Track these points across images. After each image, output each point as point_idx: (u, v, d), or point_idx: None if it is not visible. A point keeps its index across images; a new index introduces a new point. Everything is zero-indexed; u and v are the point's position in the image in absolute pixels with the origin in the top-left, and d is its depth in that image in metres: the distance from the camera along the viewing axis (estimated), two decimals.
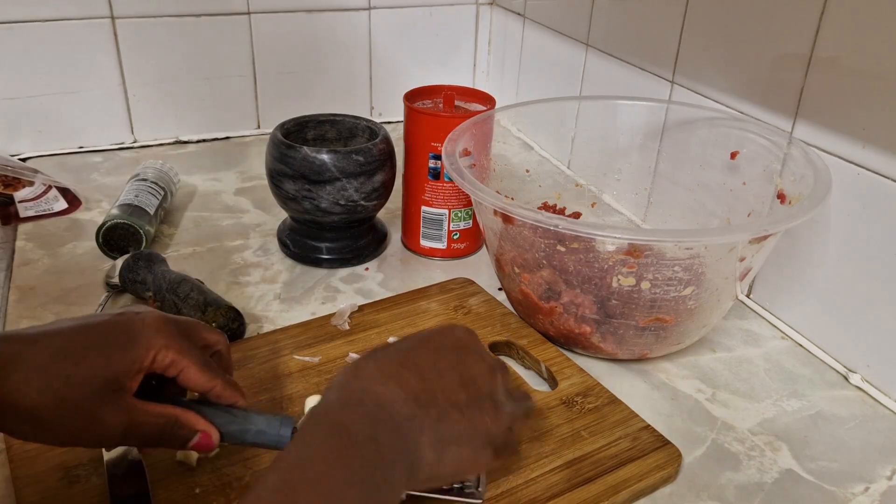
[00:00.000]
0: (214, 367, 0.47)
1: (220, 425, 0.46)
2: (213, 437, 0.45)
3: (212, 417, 0.46)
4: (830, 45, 0.63)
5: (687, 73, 0.80)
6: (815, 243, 0.67)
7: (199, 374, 0.45)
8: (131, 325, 0.44)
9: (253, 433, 0.46)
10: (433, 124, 0.75)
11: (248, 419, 0.47)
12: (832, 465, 0.56)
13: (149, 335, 0.43)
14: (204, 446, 0.45)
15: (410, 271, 0.80)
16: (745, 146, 0.72)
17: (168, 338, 0.44)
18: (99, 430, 0.42)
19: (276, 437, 0.46)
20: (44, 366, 0.40)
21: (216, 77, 1.06)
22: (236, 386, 0.47)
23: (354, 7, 1.10)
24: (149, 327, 0.44)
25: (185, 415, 0.45)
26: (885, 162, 0.59)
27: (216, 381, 0.46)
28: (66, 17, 0.95)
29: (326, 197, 0.73)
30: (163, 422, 0.44)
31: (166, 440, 0.44)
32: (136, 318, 0.44)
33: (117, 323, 0.44)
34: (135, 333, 0.43)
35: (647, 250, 0.58)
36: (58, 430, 0.41)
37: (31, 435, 0.42)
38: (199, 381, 0.45)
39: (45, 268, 0.76)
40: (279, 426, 0.46)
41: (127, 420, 0.42)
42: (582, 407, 0.58)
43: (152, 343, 0.43)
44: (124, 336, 0.43)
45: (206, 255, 0.80)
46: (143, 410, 0.43)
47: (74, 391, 0.41)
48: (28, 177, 0.87)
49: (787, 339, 0.70)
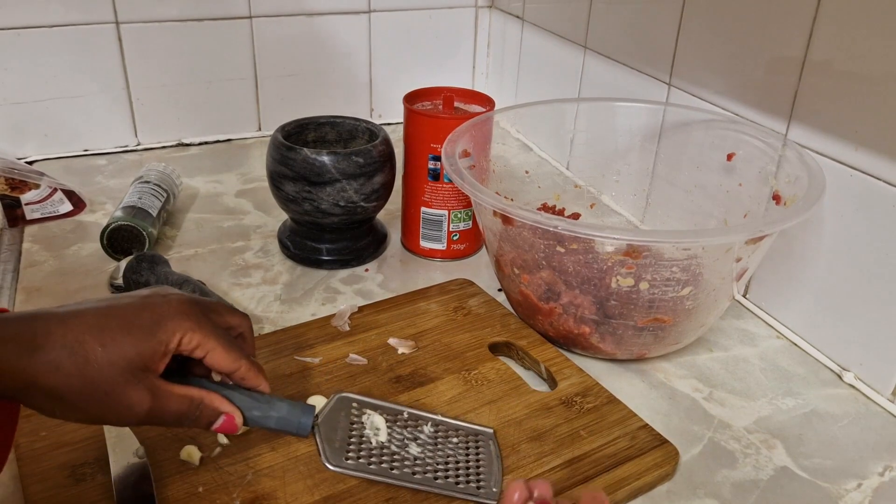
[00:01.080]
0: (239, 349, 0.47)
1: (244, 409, 0.46)
2: (237, 419, 0.46)
3: (236, 401, 0.46)
4: (824, 48, 0.63)
5: (684, 75, 0.81)
6: (810, 244, 0.67)
7: (225, 355, 0.45)
8: (157, 307, 0.44)
9: (275, 419, 0.47)
10: (433, 126, 0.75)
11: (272, 405, 0.47)
12: (826, 462, 0.57)
13: (175, 318, 0.44)
14: (228, 429, 0.46)
15: (410, 272, 0.80)
16: (741, 148, 0.72)
17: (194, 320, 0.44)
18: (124, 411, 0.42)
19: (297, 424, 0.47)
20: (71, 346, 0.41)
21: (218, 80, 1.07)
22: (260, 369, 0.48)
23: (354, 10, 1.11)
24: (175, 310, 0.44)
25: (210, 397, 0.45)
26: (877, 164, 0.60)
27: (241, 363, 0.46)
28: (72, 23, 0.95)
29: (326, 198, 0.73)
30: (187, 403, 0.44)
31: (191, 421, 0.45)
32: (162, 300, 0.45)
33: (144, 305, 0.44)
34: (161, 316, 0.44)
35: (646, 251, 0.59)
36: (83, 410, 0.42)
37: (58, 413, 0.42)
38: (224, 362, 0.46)
39: (51, 269, 0.77)
40: (301, 414, 0.47)
41: (152, 402, 0.43)
42: (581, 407, 0.59)
43: (178, 326, 0.44)
44: (150, 319, 0.43)
45: (208, 257, 0.81)
46: (169, 392, 0.44)
47: (101, 372, 0.41)
48: (34, 179, 0.88)
49: (783, 338, 0.71)
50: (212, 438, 0.54)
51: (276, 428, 0.48)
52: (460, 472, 0.50)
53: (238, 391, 0.47)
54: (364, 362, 0.63)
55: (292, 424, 0.47)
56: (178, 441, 0.53)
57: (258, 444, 0.53)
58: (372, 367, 0.62)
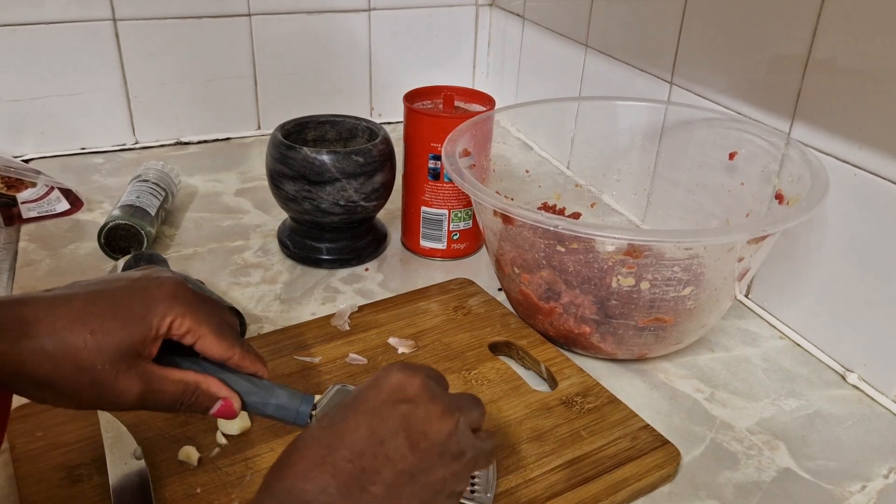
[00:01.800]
0: (232, 335, 0.46)
1: (243, 393, 0.45)
2: (235, 404, 0.45)
3: (234, 385, 0.45)
4: (827, 46, 0.63)
5: (685, 73, 0.81)
6: (813, 243, 0.67)
7: (217, 342, 0.44)
8: (148, 291, 0.43)
9: (273, 406, 0.46)
10: (433, 125, 0.75)
11: (271, 392, 0.46)
12: (829, 464, 0.56)
13: (165, 301, 0.43)
14: (226, 414, 0.45)
15: (410, 272, 0.80)
16: (744, 147, 0.72)
17: (185, 304, 0.43)
18: (115, 397, 0.42)
19: (295, 412, 0.46)
20: (59, 332, 0.40)
21: (217, 78, 1.06)
22: (257, 354, 0.47)
23: (354, 8, 1.10)
24: (166, 293, 0.43)
25: (207, 381, 0.44)
26: (881, 162, 0.60)
27: (234, 350, 0.45)
28: (69, 20, 0.95)
29: (326, 197, 0.73)
30: (182, 388, 0.43)
31: (186, 406, 0.44)
32: (153, 283, 0.43)
33: (134, 289, 0.43)
34: (151, 300, 0.42)
35: (647, 251, 0.58)
36: (74, 396, 0.41)
37: (49, 399, 0.41)
38: (216, 349, 0.44)
39: (47, 269, 0.76)
40: (300, 403, 0.46)
41: (143, 387, 0.42)
42: (581, 407, 0.59)
43: (169, 310, 0.43)
44: (140, 303, 0.42)
45: (207, 256, 0.80)
46: (162, 377, 0.43)
47: (90, 358, 0.40)
48: (31, 178, 0.87)
49: (785, 338, 0.71)
50: (210, 439, 0.53)
51: (273, 415, 0.46)
52: None
53: (238, 375, 0.46)
54: (364, 362, 0.62)
55: (291, 412, 0.46)
56: (177, 441, 0.53)
57: (257, 445, 0.53)
58: (372, 367, 0.62)
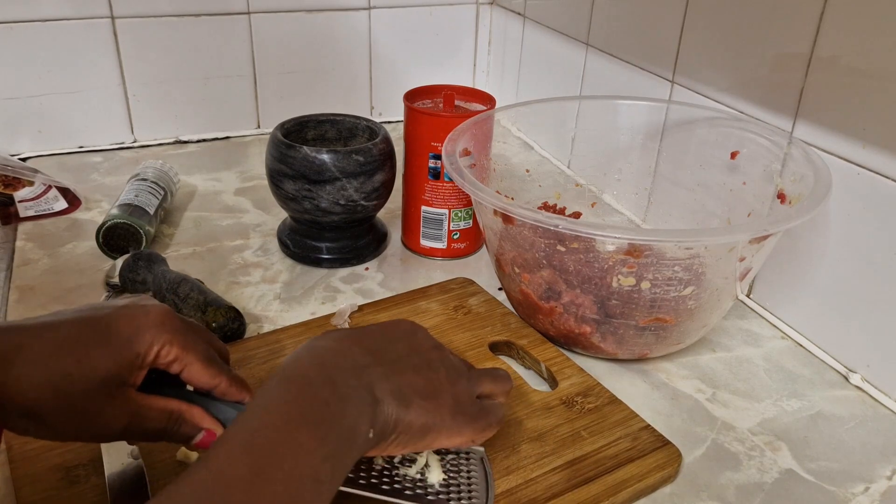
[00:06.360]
0: (219, 363, 0.45)
1: (226, 422, 0.45)
2: (218, 434, 0.44)
3: (218, 413, 0.45)
4: (830, 44, 0.63)
5: (687, 72, 0.80)
6: (815, 243, 0.67)
7: (203, 370, 0.44)
8: (135, 318, 0.42)
9: None
10: (433, 124, 0.75)
11: None
12: (832, 465, 0.56)
13: (152, 329, 0.42)
14: (207, 445, 0.44)
15: (410, 271, 0.80)
16: (746, 146, 0.72)
17: (172, 332, 0.43)
18: (100, 427, 0.41)
19: None
20: (44, 361, 0.39)
21: (216, 77, 1.06)
22: (242, 382, 0.46)
23: (354, 7, 1.10)
24: (152, 322, 0.43)
25: (191, 411, 0.44)
26: (885, 162, 0.59)
27: (221, 378, 0.45)
28: (66, 17, 0.95)
29: (326, 197, 0.73)
30: (166, 417, 0.43)
31: (169, 436, 0.44)
32: (139, 311, 0.43)
33: (120, 317, 0.42)
34: (138, 328, 0.42)
35: (647, 250, 0.58)
36: (57, 426, 0.41)
37: (31, 430, 0.41)
38: (202, 377, 0.44)
39: (45, 268, 0.76)
40: None
41: (128, 416, 0.41)
42: (582, 407, 0.58)
43: (156, 339, 0.42)
44: (127, 331, 0.42)
45: (206, 255, 0.80)
46: (146, 406, 0.42)
47: (74, 387, 0.40)
48: (28, 177, 0.87)
49: (787, 338, 0.70)
50: None
51: None
52: (451, 491, 0.49)
53: (223, 403, 0.45)
54: None
55: None
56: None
57: None
58: None
